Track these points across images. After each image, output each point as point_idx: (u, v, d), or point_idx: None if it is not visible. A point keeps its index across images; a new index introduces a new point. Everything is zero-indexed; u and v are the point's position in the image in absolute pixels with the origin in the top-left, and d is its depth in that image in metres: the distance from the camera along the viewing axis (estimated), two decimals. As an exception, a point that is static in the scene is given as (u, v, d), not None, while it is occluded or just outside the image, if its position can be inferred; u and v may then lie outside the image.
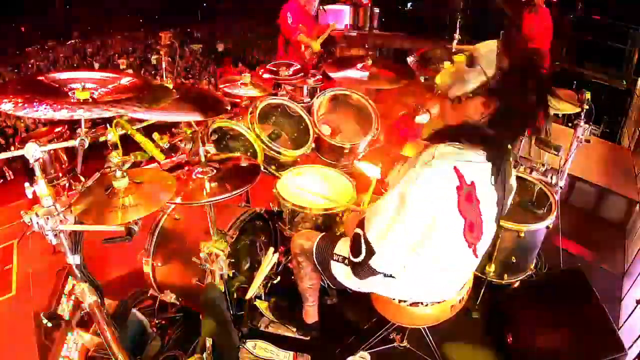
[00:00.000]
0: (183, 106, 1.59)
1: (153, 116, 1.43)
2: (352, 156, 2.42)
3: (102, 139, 1.37)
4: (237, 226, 1.81)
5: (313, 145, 2.34)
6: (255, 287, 1.85)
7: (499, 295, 2.21)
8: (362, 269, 1.29)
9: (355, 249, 1.29)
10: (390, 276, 1.41)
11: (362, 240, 1.26)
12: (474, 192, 1.22)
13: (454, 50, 3.28)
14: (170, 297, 1.91)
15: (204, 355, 1.51)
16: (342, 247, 1.57)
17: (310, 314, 1.96)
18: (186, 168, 1.63)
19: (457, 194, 1.18)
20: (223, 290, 1.68)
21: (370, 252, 1.25)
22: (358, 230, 1.29)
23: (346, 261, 1.52)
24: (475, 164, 1.21)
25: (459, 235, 1.26)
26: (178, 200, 1.47)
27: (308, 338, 1.98)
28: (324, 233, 1.69)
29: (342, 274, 1.55)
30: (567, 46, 5.85)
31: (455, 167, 1.16)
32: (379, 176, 1.96)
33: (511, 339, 1.96)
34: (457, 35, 3.83)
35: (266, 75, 2.67)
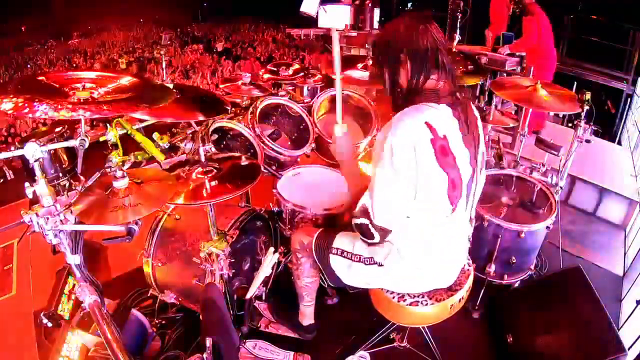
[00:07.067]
0: (183, 106, 1.59)
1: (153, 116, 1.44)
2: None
3: (102, 139, 1.37)
4: (237, 226, 1.82)
5: (313, 145, 2.34)
6: (255, 287, 1.85)
7: (499, 296, 2.21)
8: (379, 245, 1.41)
9: (367, 236, 1.37)
10: (380, 264, 1.45)
11: (372, 228, 1.33)
12: (447, 145, 1.25)
13: (454, 50, 3.28)
14: (170, 297, 1.91)
15: (204, 355, 1.51)
16: (341, 241, 1.57)
17: (306, 314, 1.93)
18: (187, 168, 1.62)
19: (432, 146, 1.22)
20: (223, 290, 1.68)
21: (385, 231, 1.34)
22: (362, 221, 1.34)
23: (345, 254, 1.54)
24: (443, 119, 1.25)
25: (444, 191, 1.28)
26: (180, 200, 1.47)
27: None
28: (322, 228, 1.69)
29: (341, 267, 1.56)
30: (567, 46, 5.84)
31: (426, 122, 1.22)
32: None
33: (511, 339, 1.96)
34: (457, 36, 3.83)
35: (266, 75, 2.67)
